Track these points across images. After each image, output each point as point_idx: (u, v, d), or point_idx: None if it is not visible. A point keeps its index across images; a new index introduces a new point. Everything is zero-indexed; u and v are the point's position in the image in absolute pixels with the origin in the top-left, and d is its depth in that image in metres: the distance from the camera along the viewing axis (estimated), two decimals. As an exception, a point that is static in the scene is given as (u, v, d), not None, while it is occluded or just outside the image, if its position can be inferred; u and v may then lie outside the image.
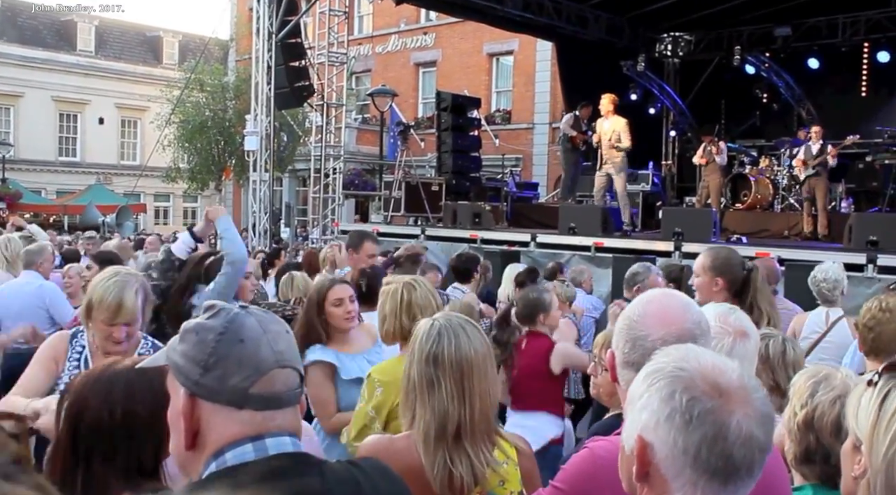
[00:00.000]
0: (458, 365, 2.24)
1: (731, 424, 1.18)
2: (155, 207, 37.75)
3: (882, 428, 1.33)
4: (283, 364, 1.37)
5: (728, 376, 1.23)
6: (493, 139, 17.47)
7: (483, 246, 11.60)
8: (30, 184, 31.04)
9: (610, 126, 11.61)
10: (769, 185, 13.20)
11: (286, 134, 24.18)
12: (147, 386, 1.86)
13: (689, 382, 1.22)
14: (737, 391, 1.21)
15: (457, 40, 26.02)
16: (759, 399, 1.22)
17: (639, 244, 10.67)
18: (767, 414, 1.23)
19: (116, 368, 1.91)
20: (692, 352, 1.29)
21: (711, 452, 1.18)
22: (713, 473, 1.19)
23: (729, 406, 1.19)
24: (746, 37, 15.92)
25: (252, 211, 15.77)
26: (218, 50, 32.44)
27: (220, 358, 1.34)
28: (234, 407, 1.33)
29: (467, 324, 2.36)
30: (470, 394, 2.24)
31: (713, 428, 1.18)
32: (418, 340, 2.31)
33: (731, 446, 1.18)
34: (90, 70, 36.35)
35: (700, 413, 1.19)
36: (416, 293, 3.30)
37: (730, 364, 1.27)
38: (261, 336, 1.36)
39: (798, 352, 2.99)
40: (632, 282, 5.46)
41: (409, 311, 3.24)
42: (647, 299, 1.83)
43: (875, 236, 9.02)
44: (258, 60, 14.90)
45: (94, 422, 1.79)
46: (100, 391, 1.83)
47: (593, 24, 15.75)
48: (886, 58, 14.71)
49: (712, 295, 3.51)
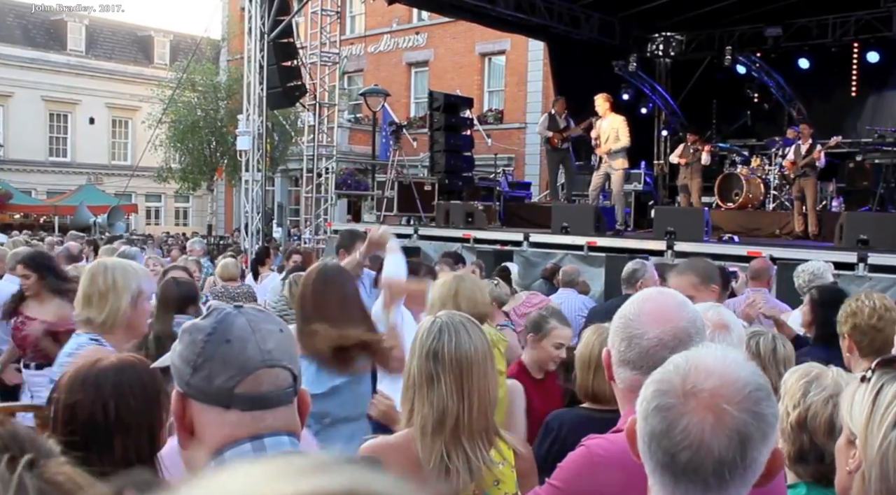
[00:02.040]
0: (458, 362, 2.26)
1: (680, 425, 1.19)
2: (146, 207, 37.61)
3: (876, 421, 1.35)
4: (270, 363, 1.34)
5: (708, 383, 1.21)
6: (486, 139, 17.47)
7: (476, 245, 11.63)
8: (20, 185, 30.91)
9: (608, 124, 11.63)
10: (760, 185, 13.27)
11: (278, 134, 24.14)
12: (136, 377, 1.88)
13: (666, 377, 1.25)
14: (706, 398, 1.20)
15: (449, 40, 26.02)
16: (736, 416, 1.19)
17: (631, 243, 10.70)
18: (741, 431, 1.19)
19: (102, 365, 1.92)
20: (708, 353, 1.28)
21: (659, 446, 1.21)
22: (659, 466, 1.22)
23: (685, 408, 1.20)
24: (737, 37, 15.99)
25: (244, 211, 15.74)
26: (209, 50, 32.33)
27: (207, 358, 1.34)
28: (221, 408, 1.33)
29: (469, 322, 2.37)
30: (469, 392, 2.25)
31: (661, 424, 1.20)
32: (419, 336, 2.33)
33: (674, 446, 1.19)
34: (81, 70, 36.17)
35: (656, 407, 1.22)
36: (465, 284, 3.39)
37: (738, 375, 1.23)
38: (249, 336, 1.35)
39: (788, 349, 3.01)
40: (632, 279, 5.43)
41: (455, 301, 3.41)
42: (642, 298, 1.84)
43: (865, 235, 9.09)
44: (250, 60, 14.87)
45: (88, 420, 1.80)
46: (89, 388, 1.84)
47: (585, 24, 15.78)
48: (876, 58, 14.81)
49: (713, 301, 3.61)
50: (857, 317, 3.27)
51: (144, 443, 1.80)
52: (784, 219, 12.40)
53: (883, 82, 15.27)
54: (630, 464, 1.31)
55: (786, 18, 14.96)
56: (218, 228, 33.49)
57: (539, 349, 4.03)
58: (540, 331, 4.02)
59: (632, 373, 1.74)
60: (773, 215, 13.00)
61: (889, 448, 1.32)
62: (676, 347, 1.59)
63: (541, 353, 4.03)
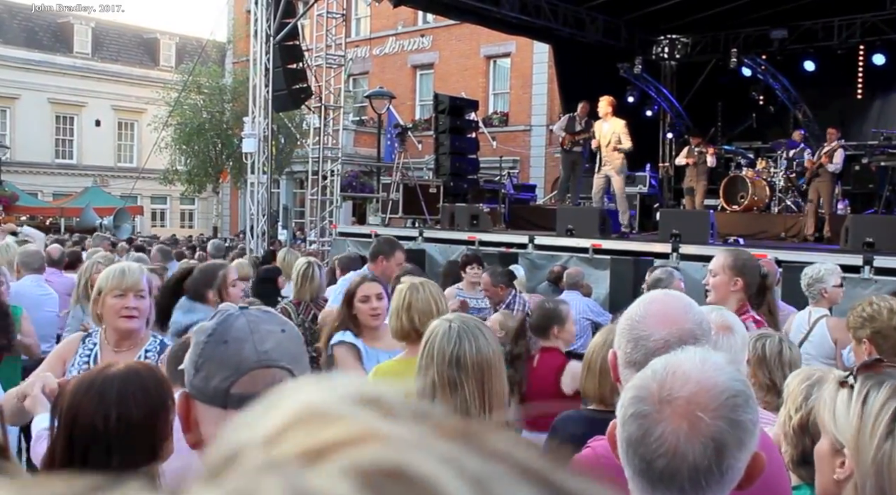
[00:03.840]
0: (479, 366, 2.26)
1: (655, 433, 1.20)
2: (152, 210, 37.68)
3: (867, 431, 1.35)
4: (266, 364, 1.35)
5: (685, 389, 1.21)
6: (491, 141, 17.50)
7: (481, 248, 11.62)
8: (26, 187, 30.95)
9: (609, 128, 11.63)
10: (766, 187, 13.25)
11: (284, 136, 24.17)
12: (140, 388, 1.86)
13: (644, 383, 1.26)
14: (681, 405, 1.20)
15: (454, 42, 26.05)
16: (710, 423, 1.19)
17: (636, 246, 10.69)
18: (716, 439, 1.19)
19: (109, 372, 1.90)
20: (687, 358, 1.29)
21: (635, 453, 1.22)
22: (637, 473, 1.23)
23: (660, 416, 1.21)
24: (743, 39, 15.97)
25: (250, 213, 15.76)
26: (215, 52, 32.40)
27: (207, 359, 1.36)
28: (219, 408, 1.34)
29: (482, 325, 2.39)
30: (489, 395, 2.26)
31: (638, 432, 1.22)
32: (437, 341, 2.31)
33: (651, 453, 1.20)
34: (87, 72, 36.25)
35: (633, 414, 1.23)
36: (419, 295, 3.34)
37: (715, 381, 1.23)
38: (247, 336, 1.36)
39: (794, 352, 3.01)
40: (657, 288, 5.41)
41: (408, 313, 3.29)
42: (649, 299, 1.85)
43: (871, 238, 9.06)
44: (256, 62, 14.90)
45: (88, 427, 1.79)
46: (93, 396, 1.83)
47: (590, 27, 15.78)
48: (882, 60, 14.78)
49: (729, 294, 3.52)
50: (876, 321, 3.26)
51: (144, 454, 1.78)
52: (790, 222, 12.37)
53: (888, 85, 15.24)
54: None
55: (791, 21, 14.94)
56: (223, 230, 33.54)
57: (563, 333, 4.33)
58: (561, 322, 4.29)
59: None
60: (779, 218, 12.97)
61: (884, 460, 1.32)
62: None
63: (565, 336, 4.35)
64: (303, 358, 1.43)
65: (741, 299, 3.53)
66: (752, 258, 3.76)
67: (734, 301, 3.49)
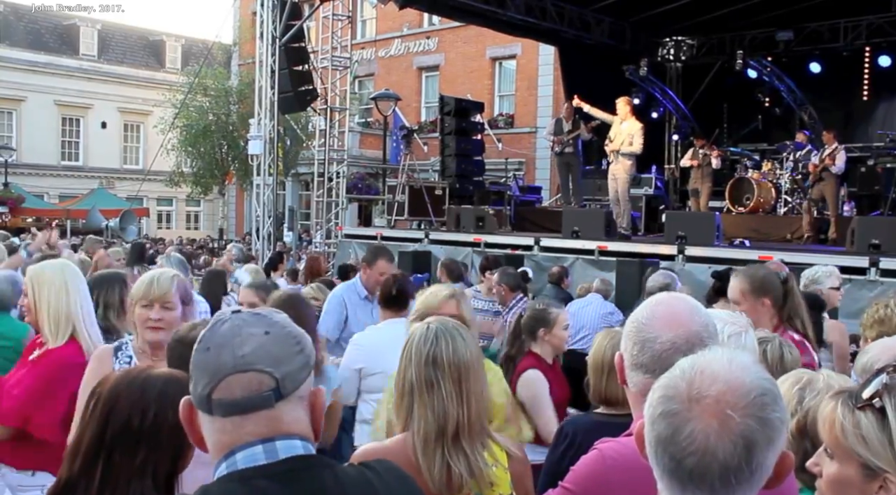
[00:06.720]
0: (456, 366, 2.30)
1: (685, 431, 1.20)
2: (158, 211, 37.76)
3: None
4: (242, 368, 1.34)
5: (713, 388, 1.21)
6: (496, 143, 17.47)
7: (486, 249, 11.62)
8: (32, 189, 31.03)
9: (626, 129, 11.54)
10: (771, 189, 13.24)
11: (289, 138, 24.22)
12: (180, 393, 1.88)
13: (672, 382, 1.25)
14: (711, 404, 1.20)
15: (460, 44, 26.07)
16: (740, 421, 1.19)
17: (642, 248, 10.69)
18: (746, 437, 1.19)
19: (153, 372, 1.94)
20: (714, 358, 1.28)
21: (665, 451, 1.22)
22: (667, 472, 1.23)
23: (690, 414, 1.20)
24: (748, 41, 15.96)
25: (255, 215, 15.80)
26: (221, 54, 32.47)
27: (194, 366, 1.38)
28: (208, 414, 1.37)
29: (460, 327, 2.43)
30: (467, 395, 2.29)
31: (667, 430, 1.21)
32: (415, 342, 2.36)
33: (681, 451, 1.20)
34: (93, 74, 36.37)
35: (662, 413, 1.23)
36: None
37: (743, 380, 1.23)
38: (227, 341, 1.36)
39: (795, 356, 3.01)
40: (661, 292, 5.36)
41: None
42: (655, 302, 1.85)
43: (877, 240, 9.05)
44: (262, 64, 14.94)
45: (123, 419, 1.82)
46: (133, 392, 1.86)
47: (596, 29, 15.78)
48: (887, 62, 14.77)
49: (762, 317, 3.38)
50: (884, 324, 3.26)
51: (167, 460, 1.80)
52: (795, 224, 12.34)
53: (894, 86, 15.21)
54: (641, 467, 1.32)
55: (797, 22, 14.92)
56: (229, 232, 33.64)
57: (552, 337, 4.13)
58: (548, 324, 4.12)
59: (644, 377, 1.75)
60: (785, 219, 12.95)
61: None
62: (689, 351, 1.59)
63: (554, 341, 4.15)
64: (290, 358, 1.39)
65: (773, 316, 3.41)
66: (763, 268, 3.61)
67: (767, 321, 3.38)
